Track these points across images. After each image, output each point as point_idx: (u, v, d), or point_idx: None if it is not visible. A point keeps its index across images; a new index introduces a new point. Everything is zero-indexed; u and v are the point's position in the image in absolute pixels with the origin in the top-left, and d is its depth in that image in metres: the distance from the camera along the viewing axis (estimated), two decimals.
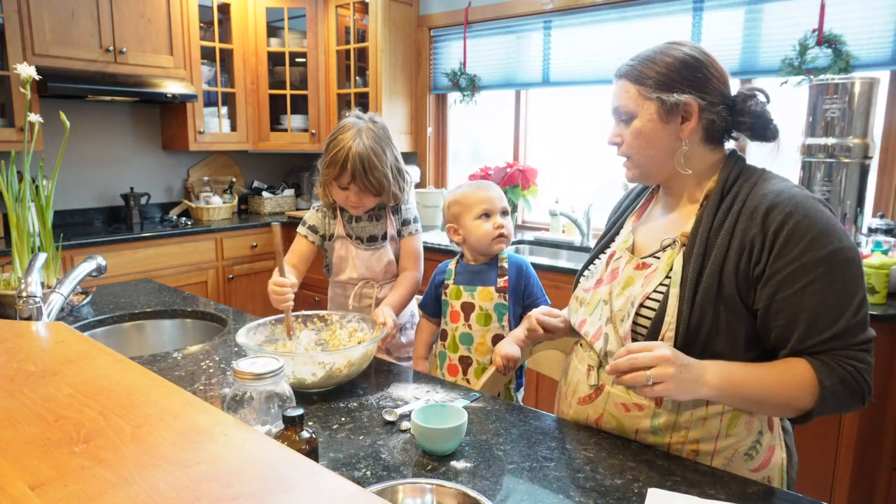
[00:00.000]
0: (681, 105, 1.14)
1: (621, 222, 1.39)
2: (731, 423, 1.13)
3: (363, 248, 1.85)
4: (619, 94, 1.20)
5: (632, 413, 1.18)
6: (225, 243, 3.82)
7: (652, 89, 1.15)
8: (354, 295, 1.86)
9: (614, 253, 1.31)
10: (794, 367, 1.06)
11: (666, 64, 1.15)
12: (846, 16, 2.53)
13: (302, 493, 0.52)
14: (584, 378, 1.27)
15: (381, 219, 1.86)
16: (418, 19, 4.00)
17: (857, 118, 2.31)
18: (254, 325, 1.52)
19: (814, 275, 1.03)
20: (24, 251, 1.85)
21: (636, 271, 1.21)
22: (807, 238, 1.04)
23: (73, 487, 0.51)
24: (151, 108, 4.04)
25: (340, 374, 1.37)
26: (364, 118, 1.75)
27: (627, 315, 1.17)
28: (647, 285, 1.17)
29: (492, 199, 1.65)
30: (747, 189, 1.13)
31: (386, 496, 0.97)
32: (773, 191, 1.10)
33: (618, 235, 1.37)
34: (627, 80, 1.19)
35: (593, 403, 1.24)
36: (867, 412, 2.12)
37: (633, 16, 3.14)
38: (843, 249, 1.04)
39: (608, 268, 1.29)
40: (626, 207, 1.41)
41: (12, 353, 0.83)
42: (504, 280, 1.66)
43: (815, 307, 1.04)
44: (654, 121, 1.16)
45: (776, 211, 1.07)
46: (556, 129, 3.71)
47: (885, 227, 2.36)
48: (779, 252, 1.05)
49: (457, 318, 1.67)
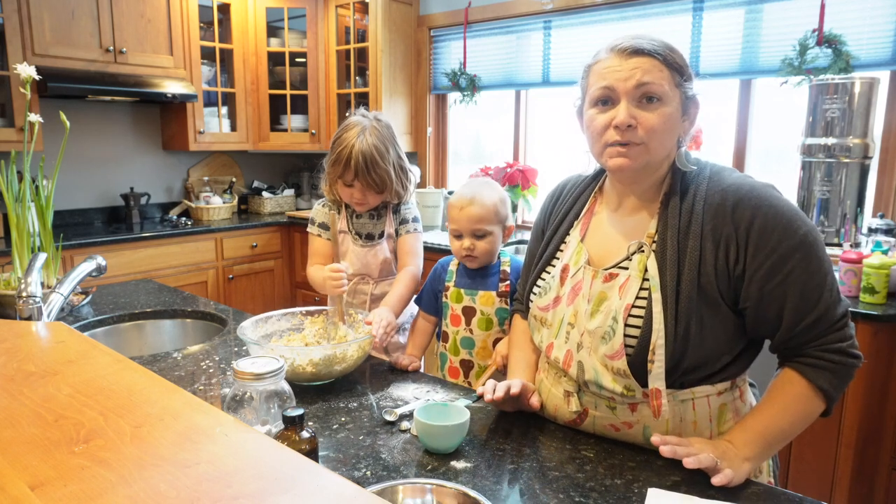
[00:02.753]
0: (694, 103, 1.13)
1: (562, 231, 1.29)
2: (721, 419, 1.15)
3: (360, 245, 1.87)
4: (648, 71, 1.06)
5: (622, 432, 1.17)
6: (225, 243, 3.82)
7: (680, 79, 1.10)
8: (349, 290, 1.87)
9: (567, 267, 1.22)
10: (792, 389, 1.08)
11: (680, 56, 1.11)
12: (846, 16, 2.53)
13: (302, 493, 0.52)
14: (562, 403, 1.22)
15: (382, 217, 1.88)
16: (418, 19, 4.01)
17: (857, 118, 2.31)
18: (262, 317, 1.57)
19: (793, 263, 1.05)
20: (24, 251, 1.85)
21: (605, 284, 1.14)
22: (778, 229, 1.05)
23: (73, 487, 0.52)
24: (151, 108, 4.04)
25: (306, 372, 1.38)
26: (369, 116, 1.79)
27: (612, 332, 1.10)
28: (625, 296, 1.11)
29: (462, 220, 1.59)
30: (704, 184, 1.12)
31: (386, 496, 0.97)
32: (731, 184, 1.10)
33: (563, 245, 1.27)
34: (659, 61, 1.07)
35: (582, 426, 1.21)
36: (867, 412, 2.12)
37: (633, 16, 3.14)
38: (810, 232, 1.06)
39: (564, 285, 1.21)
40: (565, 213, 1.30)
41: (12, 353, 0.83)
42: (506, 285, 1.63)
43: (799, 292, 1.06)
44: (677, 111, 1.10)
45: (742, 206, 1.07)
46: (556, 129, 3.71)
47: (885, 227, 2.36)
48: (756, 248, 1.05)
49: (458, 322, 1.66)
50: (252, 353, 1.39)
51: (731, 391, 1.16)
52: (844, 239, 2.39)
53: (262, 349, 1.37)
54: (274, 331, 1.58)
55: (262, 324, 1.56)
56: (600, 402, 1.17)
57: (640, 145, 1.09)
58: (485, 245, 1.61)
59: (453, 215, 1.62)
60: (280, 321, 1.60)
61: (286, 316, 1.61)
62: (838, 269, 2.24)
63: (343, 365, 1.42)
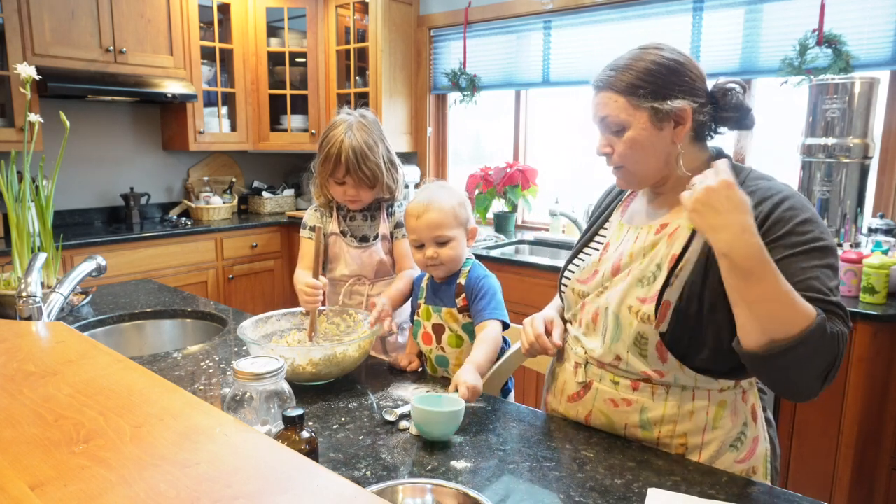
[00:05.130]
0: (674, 111, 1.13)
1: (606, 216, 1.37)
2: (717, 416, 1.15)
3: (354, 247, 1.87)
4: (605, 105, 1.17)
5: (620, 408, 1.19)
6: (225, 243, 3.82)
7: (644, 99, 1.13)
8: (345, 292, 1.87)
9: (608, 245, 1.28)
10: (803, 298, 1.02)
11: (652, 71, 1.13)
12: (846, 16, 2.53)
13: (302, 493, 0.52)
14: (571, 376, 1.27)
15: (376, 219, 1.88)
16: (418, 19, 4.00)
17: (857, 118, 2.31)
18: (262, 317, 1.57)
19: (797, 250, 1.05)
20: (24, 251, 1.85)
21: (657, 235, 1.18)
22: (793, 221, 1.06)
23: (73, 487, 0.52)
24: (151, 108, 4.04)
25: (306, 372, 1.38)
26: (354, 114, 1.79)
27: (653, 277, 1.14)
28: (672, 245, 1.14)
29: (421, 229, 1.50)
30: None
31: (386, 496, 0.97)
32: (761, 187, 1.12)
33: (603, 230, 1.34)
34: (612, 92, 1.16)
35: (582, 401, 1.25)
36: (867, 412, 2.12)
37: (633, 16, 3.14)
38: (824, 237, 1.06)
39: (603, 261, 1.25)
40: (609, 203, 1.39)
41: (12, 353, 0.83)
42: (463, 298, 1.53)
43: (800, 275, 1.03)
44: (647, 129, 1.14)
45: (765, 203, 1.09)
46: (555, 128, 3.71)
47: (885, 227, 2.36)
48: (765, 233, 1.06)
49: (429, 341, 1.56)
50: (252, 353, 1.39)
51: (734, 390, 1.17)
52: (844, 239, 2.39)
53: (262, 349, 1.37)
54: (274, 331, 1.59)
55: (262, 324, 1.56)
56: (605, 375, 1.21)
57: (620, 168, 1.20)
58: (449, 252, 1.51)
59: (411, 224, 1.52)
60: (280, 321, 1.61)
61: (286, 316, 1.62)
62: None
63: (343, 365, 1.42)
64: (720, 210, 0.97)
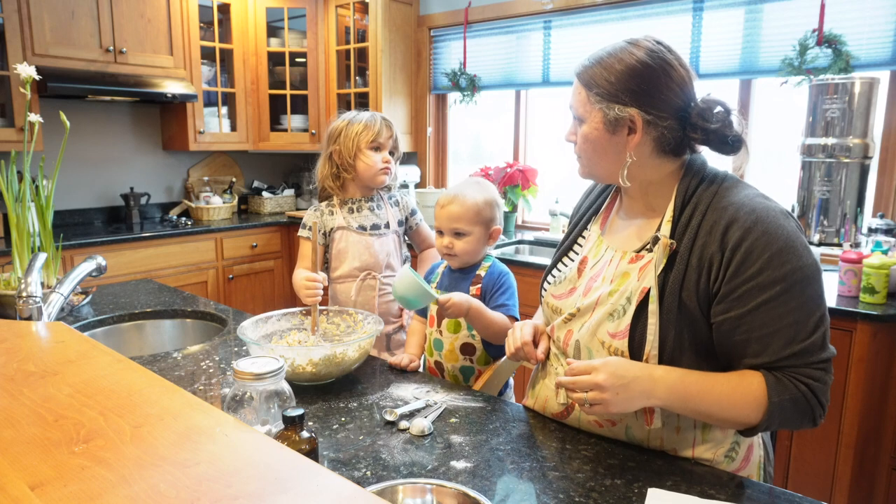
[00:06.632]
0: (625, 118, 1.08)
1: (583, 223, 1.33)
2: (706, 429, 1.13)
3: (367, 235, 1.91)
4: (573, 93, 1.16)
5: (605, 428, 1.18)
6: (225, 243, 3.82)
7: (597, 98, 1.09)
8: (357, 288, 1.88)
9: (586, 259, 1.24)
10: (748, 382, 1.03)
11: (614, 72, 1.08)
12: (846, 16, 2.53)
13: (302, 493, 0.52)
14: (552, 395, 1.24)
15: (382, 208, 1.97)
16: (418, 19, 4.00)
17: (857, 118, 2.31)
18: (262, 317, 1.58)
19: (769, 294, 1.00)
20: (24, 251, 1.85)
21: (630, 265, 1.14)
22: (764, 256, 1.00)
23: (73, 487, 0.52)
24: (151, 108, 4.04)
25: (306, 372, 1.39)
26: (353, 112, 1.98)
27: (622, 311, 1.10)
28: (643, 279, 1.10)
29: (442, 218, 1.60)
30: (707, 200, 1.08)
31: (386, 496, 0.97)
32: (733, 203, 1.05)
33: (581, 239, 1.31)
34: (579, 82, 1.14)
35: (567, 420, 1.23)
36: (867, 412, 2.12)
37: (633, 16, 3.14)
38: (802, 268, 1.00)
39: (582, 276, 1.22)
40: (587, 208, 1.35)
41: (12, 353, 0.83)
42: (477, 288, 1.60)
43: (770, 326, 1.01)
44: (599, 129, 1.11)
45: (735, 227, 1.03)
46: (555, 128, 3.71)
47: (885, 227, 2.36)
48: (735, 270, 1.02)
49: (432, 323, 1.63)
50: (252, 353, 1.39)
51: None
52: (844, 239, 2.39)
53: (262, 349, 1.37)
54: (274, 331, 1.59)
55: (262, 324, 1.56)
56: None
57: (579, 158, 1.20)
58: (463, 245, 1.58)
59: (436, 212, 1.63)
60: (280, 321, 1.60)
61: (286, 316, 1.62)
62: (838, 269, 2.24)
63: (343, 365, 1.42)
64: (616, 400, 1.03)
